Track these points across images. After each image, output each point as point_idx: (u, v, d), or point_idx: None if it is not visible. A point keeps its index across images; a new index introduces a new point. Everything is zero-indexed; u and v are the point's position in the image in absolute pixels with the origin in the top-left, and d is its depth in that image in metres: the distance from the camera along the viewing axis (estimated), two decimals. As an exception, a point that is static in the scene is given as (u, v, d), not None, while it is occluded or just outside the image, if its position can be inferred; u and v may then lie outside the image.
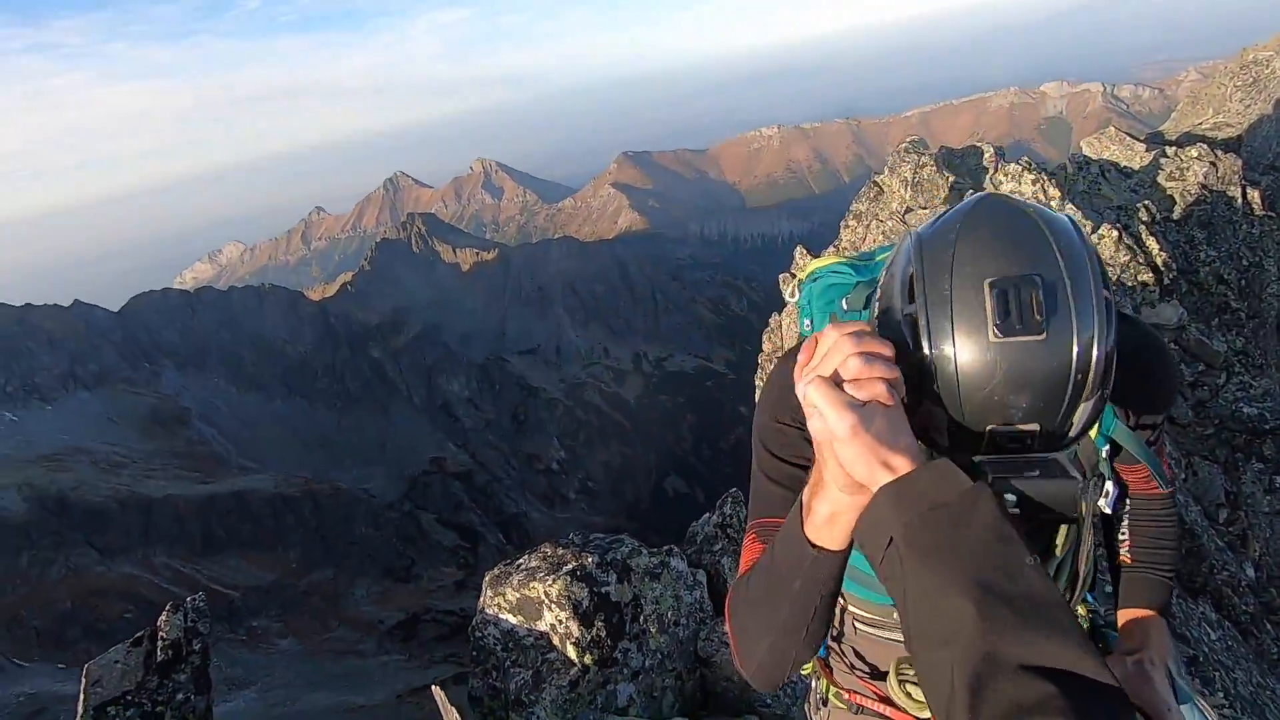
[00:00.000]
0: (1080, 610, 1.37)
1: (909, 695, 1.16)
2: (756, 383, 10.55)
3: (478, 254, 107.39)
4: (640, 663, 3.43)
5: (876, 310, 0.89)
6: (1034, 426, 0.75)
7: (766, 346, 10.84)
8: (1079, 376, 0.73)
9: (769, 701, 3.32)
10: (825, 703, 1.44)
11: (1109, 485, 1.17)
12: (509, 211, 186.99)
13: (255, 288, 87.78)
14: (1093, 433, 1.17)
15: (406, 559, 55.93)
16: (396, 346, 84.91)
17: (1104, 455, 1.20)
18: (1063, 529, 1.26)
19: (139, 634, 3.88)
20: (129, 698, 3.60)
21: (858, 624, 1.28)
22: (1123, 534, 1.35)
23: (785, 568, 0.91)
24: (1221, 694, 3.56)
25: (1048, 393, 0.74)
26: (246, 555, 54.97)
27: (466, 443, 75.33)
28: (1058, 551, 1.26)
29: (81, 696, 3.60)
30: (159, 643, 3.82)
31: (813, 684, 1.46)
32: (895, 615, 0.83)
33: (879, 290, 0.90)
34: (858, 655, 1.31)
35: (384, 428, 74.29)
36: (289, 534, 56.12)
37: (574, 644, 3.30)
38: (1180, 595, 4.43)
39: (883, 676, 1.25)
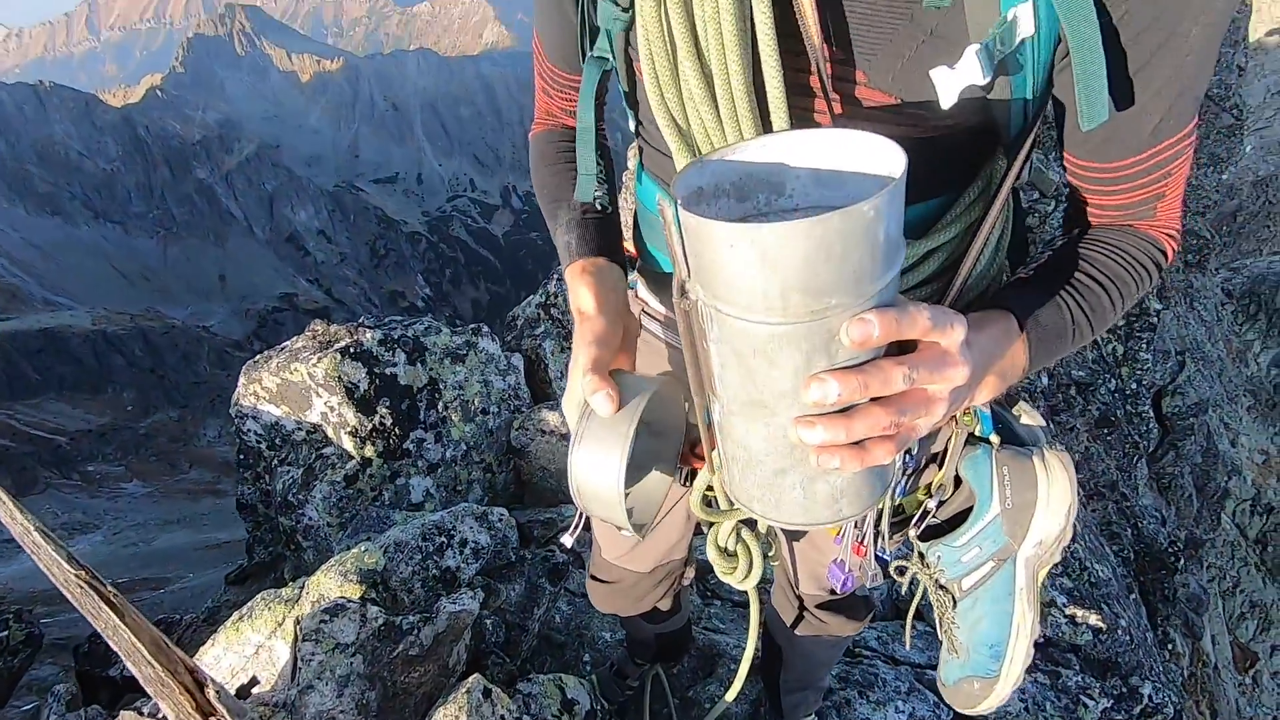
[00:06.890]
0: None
1: None
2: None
3: (319, 62, 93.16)
4: (439, 454, 2.94)
5: None
6: None
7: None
8: None
9: (588, 489, 2.96)
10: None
11: (971, 58, 0.59)
12: (354, 13, 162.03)
13: (30, 86, 71.64)
14: None
15: (261, 399, 53.12)
16: (228, 167, 74.37)
17: (1011, 31, 0.58)
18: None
19: None
20: None
21: None
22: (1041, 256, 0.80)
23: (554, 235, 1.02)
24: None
25: None
26: (69, 398, 49.95)
27: (319, 278, 69.87)
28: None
29: None
30: None
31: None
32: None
33: None
34: None
35: (220, 260, 66.80)
36: (118, 374, 51.16)
37: (350, 434, 2.73)
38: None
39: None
